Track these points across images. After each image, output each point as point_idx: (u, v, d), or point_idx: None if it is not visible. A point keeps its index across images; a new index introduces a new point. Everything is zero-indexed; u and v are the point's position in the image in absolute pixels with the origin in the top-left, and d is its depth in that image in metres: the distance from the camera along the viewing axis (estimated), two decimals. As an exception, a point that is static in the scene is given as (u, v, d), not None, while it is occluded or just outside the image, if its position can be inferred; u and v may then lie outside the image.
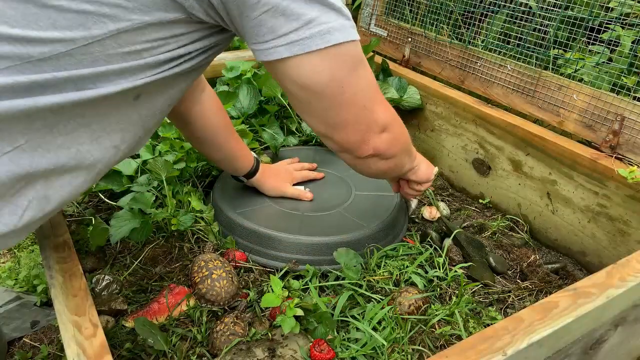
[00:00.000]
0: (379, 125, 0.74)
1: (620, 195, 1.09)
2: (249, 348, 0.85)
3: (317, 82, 0.65)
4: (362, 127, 0.72)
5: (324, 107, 0.69)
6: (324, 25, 0.61)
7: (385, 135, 0.76)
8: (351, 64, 0.66)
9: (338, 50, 0.63)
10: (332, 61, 0.63)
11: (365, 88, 0.70)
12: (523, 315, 0.69)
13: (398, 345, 0.88)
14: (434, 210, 1.31)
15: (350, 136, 0.73)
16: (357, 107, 0.70)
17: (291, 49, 0.61)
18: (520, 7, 1.39)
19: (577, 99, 1.20)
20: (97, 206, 1.24)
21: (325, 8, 0.61)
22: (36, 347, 1.29)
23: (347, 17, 0.64)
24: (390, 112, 0.77)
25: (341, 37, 0.62)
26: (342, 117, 0.70)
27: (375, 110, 0.72)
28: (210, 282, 0.95)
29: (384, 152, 0.78)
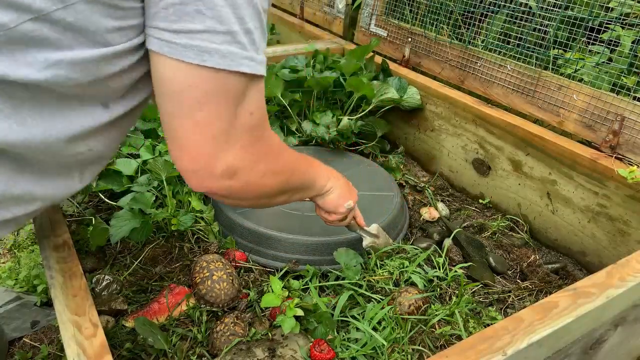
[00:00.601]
0: (221, 169, 0.65)
1: (620, 195, 1.09)
2: (249, 348, 0.85)
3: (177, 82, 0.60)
4: (200, 158, 0.64)
5: (172, 111, 0.62)
6: (204, 43, 0.57)
7: (229, 182, 0.66)
8: (225, 90, 0.61)
9: (215, 74, 0.59)
10: (199, 78, 0.59)
11: (229, 121, 0.62)
12: (523, 315, 0.69)
13: (398, 345, 0.88)
14: (433, 211, 1.31)
15: (184, 161, 0.64)
16: (205, 134, 0.62)
17: (161, 47, 0.58)
18: (520, 7, 1.39)
19: (577, 99, 1.20)
20: (97, 206, 1.24)
21: (218, 28, 0.57)
22: (36, 347, 1.29)
23: (244, 47, 0.59)
24: (256, 154, 0.67)
25: (222, 64, 0.58)
26: (184, 134, 0.63)
27: (227, 149, 0.64)
28: (210, 283, 0.95)
29: (224, 195, 0.69)
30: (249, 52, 0.61)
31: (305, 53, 1.70)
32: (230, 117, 0.63)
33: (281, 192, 0.78)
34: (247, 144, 0.66)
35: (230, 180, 0.67)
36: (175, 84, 0.60)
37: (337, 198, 0.93)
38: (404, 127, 1.66)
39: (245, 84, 0.62)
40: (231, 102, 0.62)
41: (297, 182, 0.82)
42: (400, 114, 1.62)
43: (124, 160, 1.17)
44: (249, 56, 0.61)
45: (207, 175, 0.65)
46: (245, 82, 0.62)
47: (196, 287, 0.96)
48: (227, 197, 0.70)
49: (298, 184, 0.83)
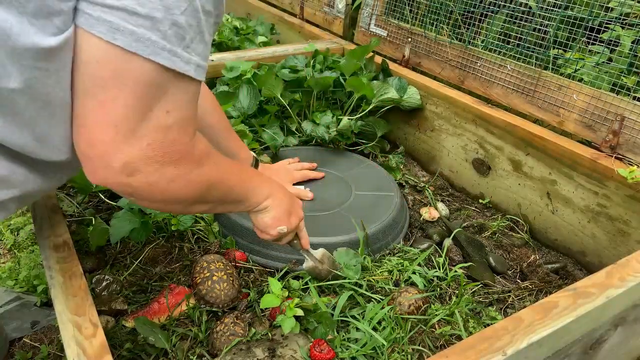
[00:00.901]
0: (119, 163, 0.59)
1: (620, 195, 1.09)
2: (249, 348, 0.85)
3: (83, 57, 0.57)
4: (97, 144, 0.59)
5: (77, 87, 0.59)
6: (119, 22, 0.54)
7: (127, 180, 0.61)
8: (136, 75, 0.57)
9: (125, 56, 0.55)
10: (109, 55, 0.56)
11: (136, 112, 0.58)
12: (523, 315, 0.69)
13: (398, 345, 0.88)
14: (433, 211, 1.31)
15: (81, 143, 0.60)
16: (106, 118, 0.57)
17: (78, 18, 0.55)
18: (520, 7, 1.39)
19: (577, 99, 1.20)
20: (97, 206, 1.24)
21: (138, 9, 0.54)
22: (36, 347, 1.29)
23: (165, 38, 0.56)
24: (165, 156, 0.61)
25: (135, 47, 0.55)
26: (84, 113, 0.59)
27: (128, 142, 0.58)
28: (210, 283, 0.95)
29: (125, 193, 0.64)
30: (172, 46, 0.57)
31: (305, 53, 1.70)
32: (140, 109, 0.58)
33: (198, 202, 0.72)
34: (156, 144, 0.60)
35: (129, 178, 0.61)
36: (83, 56, 0.57)
37: (269, 219, 0.87)
38: (404, 127, 1.66)
39: (164, 79, 0.58)
40: (143, 93, 0.57)
41: (219, 195, 0.75)
42: (400, 114, 1.62)
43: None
44: (170, 49, 0.57)
45: (103, 165, 0.60)
46: (163, 76, 0.58)
47: (196, 288, 0.96)
48: (129, 196, 0.65)
49: (221, 197, 0.76)
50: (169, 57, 0.57)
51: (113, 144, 0.58)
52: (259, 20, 2.28)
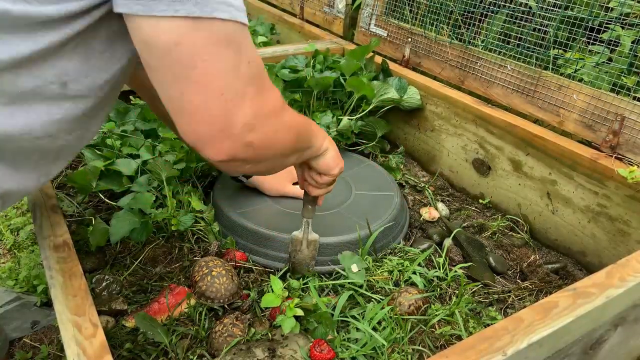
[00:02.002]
0: (240, 125, 0.60)
1: (620, 195, 1.09)
2: (249, 348, 0.85)
3: (161, 43, 0.56)
4: (215, 119, 0.59)
5: (167, 80, 0.58)
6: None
7: (250, 138, 0.62)
8: (214, 39, 0.56)
9: (195, 24, 0.55)
10: (181, 31, 0.55)
11: (230, 73, 0.58)
12: (523, 315, 0.69)
13: (398, 346, 0.88)
14: (433, 211, 1.31)
15: (198, 127, 0.59)
16: (210, 92, 0.57)
17: (130, 7, 0.54)
18: (520, 7, 1.39)
19: (577, 99, 1.20)
20: (97, 206, 1.24)
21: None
22: (36, 347, 1.29)
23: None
24: (265, 106, 0.63)
25: (197, 11, 0.54)
26: (188, 99, 0.58)
27: (239, 104, 0.59)
28: (210, 279, 0.95)
29: (245, 158, 0.64)
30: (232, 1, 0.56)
31: (305, 53, 1.70)
32: (230, 68, 0.58)
33: (294, 150, 0.75)
34: (254, 96, 0.61)
35: (250, 135, 0.61)
36: (159, 45, 0.55)
37: (330, 159, 0.88)
38: (404, 127, 1.66)
39: (232, 31, 0.57)
40: (226, 53, 0.57)
41: (305, 138, 0.78)
42: (400, 114, 1.62)
43: (124, 160, 1.17)
44: (223, 1, 0.56)
45: (227, 136, 0.60)
46: (231, 29, 0.57)
47: (196, 285, 0.96)
48: (248, 160, 0.65)
49: (306, 140, 0.79)
50: (227, 9, 0.56)
51: (228, 112, 0.58)
52: (259, 20, 2.28)
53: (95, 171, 1.10)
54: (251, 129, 0.61)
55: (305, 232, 1.02)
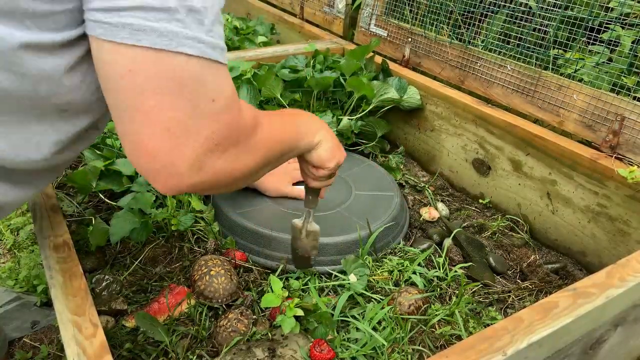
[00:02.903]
0: (186, 165, 0.57)
1: (620, 195, 1.09)
2: (249, 348, 0.85)
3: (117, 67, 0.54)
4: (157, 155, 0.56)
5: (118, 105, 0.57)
6: (138, 21, 0.52)
7: (198, 177, 0.59)
8: (171, 74, 0.54)
9: (155, 56, 0.53)
10: (138, 60, 0.53)
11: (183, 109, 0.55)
12: (523, 315, 0.69)
13: (398, 346, 0.88)
14: (433, 211, 1.31)
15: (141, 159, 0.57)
16: (157, 126, 0.55)
17: (94, 29, 0.53)
18: (520, 7, 1.39)
19: (577, 99, 1.20)
20: (97, 206, 1.24)
21: (153, 3, 0.52)
22: (36, 347, 1.29)
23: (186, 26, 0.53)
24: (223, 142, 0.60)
25: (160, 43, 0.52)
26: (135, 129, 0.56)
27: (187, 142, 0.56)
28: (208, 278, 0.95)
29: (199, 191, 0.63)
30: (194, 32, 0.54)
31: (305, 53, 1.70)
32: (186, 105, 0.55)
33: (263, 166, 0.71)
34: (212, 135, 0.58)
35: (199, 175, 0.59)
36: (115, 69, 0.54)
37: (324, 152, 0.85)
38: (404, 127, 1.66)
39: (198, 69, 0.55)
40: (184, 89, 0.55)
41: (279, 151, 0.74)
42: (400, 114, 1.62)
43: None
44: (194, 36, 0.54)
45: (171, 174, 0.57)
46: (196, 65, 0.55)
47: (195, 284, 0.97)
48: (203, 191, 0.65)
49: (281, 152, 0.75)
50: (195, 45, 0.54)
51: (173, 150, 0.56)
52: (259, 20, 2.28)
53: (95, 171, 1.10)
54: (199, 169, 0.58)
55: (306, 221, 1.00)
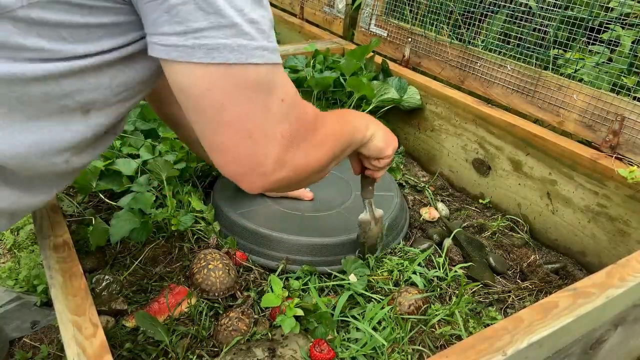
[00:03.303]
0: (270, 165, 0.63)
1: (620, 195, 1.09)
2: (249, 348, 0.85)
3: (195, 88, 0.58)
4: (244, 160, 0.62)
5: (201, 120, 0.61)
6: (212, 40, 0.55)
7: (282, 174, 0.65)
8: (245, 85, 0.58)
9: (228, 71, 0.57)
10: (214, 78, 0.57)
11: (260, 115, 0.60)
12: (523, 315, 0.69)
13: (398, 345, 0.88)
14: (433, 211, 1.31)
15: (230, 166, 0.64)
16: (240, 134, 0.60)
17: (169, 53, 0.57)
18: (520, 7, 1.39)
19: (577, 99, 1.20)
20: (97, 206, 1.24)
21: (222, 22, 0.56)
22: (36, 347, 1.29)
23: (252, 37, 0.57)
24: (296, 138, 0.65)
25: (233, 58, 0.57)
26: (220, 140, 0.61)
27: (268, 144, 0.62)
28: (206, 272, 0.97)
29: (280, 187, 0.68)
30: (259, 42, 0.58)
31: (305, 53, 1.70)
32: (261, 110, 0.60)
33: (331, 160, 0.76)
34: (286, 133, 0.63)
35: (281, 172, 0.65)
36: (194, 89, 0.58)
37: (380, 142, 0.90)
38: (404, 127, 1.66)
39: (265, 74, 0.60)
40: (258, 95, 0.60)
41: (342, 145, 0.79)
42: (400, 114, 1.62)
43: (124, 160, 1.17)
44: (259, 46, 0.58)
45: (259, 174, 0.64)
46: (264, 72, 0.59)
47: (193, 277, 0.98)
48: (285, 188, 0.70)
49: (343, 146, 0.80)
50: (261, 53, 0.58)
51: (258, 154, 0.62)
52: (259, 20, 2.28)
53: (95, 171, 1.10)
54: (282, 165, 0.64)
55: (370, 211, 1.07)
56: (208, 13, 0.55)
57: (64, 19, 0.56)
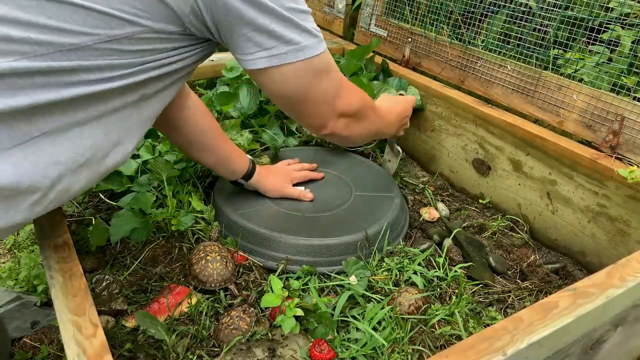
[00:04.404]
0: (337, 113, 0.91)
1: (620, 195, 1.09)
2: (249, 348, 0.85)
3: (287, 89, 0.82)
4: (322, 116, 0.90)
5: (292, 104, 0.87)
6: (297, 45, 0.77)
7: (343, 120, 0.93)
8: (316, 72, 0.82)
9: (306, 64, 0.79)
10: (299, 72, 0.79)
11: (328, 88, 0.86)
12: (523, 315, 0.69)
13: (398, 345, 0.88)
14: (433, 211, 1.31)
15: (312, 121, 0.91)
16: (319, 103, 0.87)
17: (271, 61, 0.76)
18: (520, 7, 1.39)
19: (577, 99, 1.20)
20: (97, 206, 1.24)
21: (300, 31, 0.77)
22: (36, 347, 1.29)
23: (315, 35, 0.79)
24: (349, 103, 0.92)
25: (309, 53, 0.78)
26: (307, 111, 0.88)
27: (335, 103, 0.89)
28: (204, 263, 0.98)
29: (340, 132, 0.94)
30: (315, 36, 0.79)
31: (305, 53, 1.70)
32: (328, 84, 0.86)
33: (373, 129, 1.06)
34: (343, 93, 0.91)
35: (345, 118, 0.93)
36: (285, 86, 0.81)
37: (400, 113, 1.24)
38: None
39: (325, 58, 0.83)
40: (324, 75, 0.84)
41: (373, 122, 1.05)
42: (400, 114, 1.62)
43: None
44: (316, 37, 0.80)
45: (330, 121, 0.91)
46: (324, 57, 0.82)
47: (191, 268, 0.99)
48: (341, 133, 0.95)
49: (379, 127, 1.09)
50: (321, 44, 0.80)
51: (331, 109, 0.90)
52: (259, 20, 2.28)
53: (95, 171, 1.10)
54: (343, 113, 0.93)
55: (393, 148, 1.39)
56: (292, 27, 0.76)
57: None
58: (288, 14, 0.75)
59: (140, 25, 0.68)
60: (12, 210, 0.67)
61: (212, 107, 1.42)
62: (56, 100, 0.65)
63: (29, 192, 0.67)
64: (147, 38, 0.69)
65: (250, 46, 0.75)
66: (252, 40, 0.75)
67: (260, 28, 0.73)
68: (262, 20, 0.73)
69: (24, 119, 0.64)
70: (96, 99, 0.69)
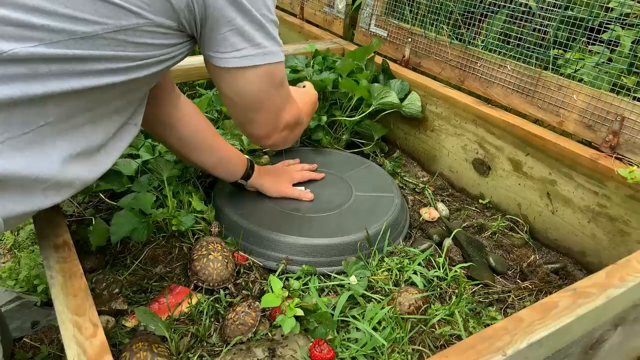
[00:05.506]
0: (282, 126, 0.96)
1: (620, 195, 1.09)
2: (249, 348, 0.85)
3: (247, 92, 0.86)
4: (269, 126, 0.94)
5: (246, 110, 0.90)
6: (264, 49, 0.82)
7: (284, 132, 0.97)
8: (274, 81, 0.87)
9: (268, 70, 0.84)
10: (261, 77, 0.84)
11: (279, 100, 0.91)
12: (523, 315, 0.69)
13: (398, 345, 0.88)
14: (433, 211, 1.31)
15: (259, 131, 0.95)
16: (270, 113, 0.92)
17: (241, 62, 0.81)
18: (520, 7, 1.39)
19: (577, 99, 1.20)
20: (97, 206, 1.24)
21: (268, 37, 0.82)
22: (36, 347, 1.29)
23: (280, 44, 0.85)
24: (293, 114, 0.97)
25: (272, 59, 0.83)
26: (258, 120, 0.92)
27: (281, 116, 0.94)
28: (205, 261, 0.99)
29: (279, 143, 1.00)
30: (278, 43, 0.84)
31: (305, 53, 1.70)
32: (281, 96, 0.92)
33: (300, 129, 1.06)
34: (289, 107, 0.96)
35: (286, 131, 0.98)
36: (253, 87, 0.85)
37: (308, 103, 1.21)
38: (404, 127, 1.66)
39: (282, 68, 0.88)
40: (279, 86, 0.89)
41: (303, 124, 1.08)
42: (400, 114, 1.62)
43: (124, 160, 1.17)
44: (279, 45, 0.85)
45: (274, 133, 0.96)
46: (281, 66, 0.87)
47: (192, 263, 1.00)
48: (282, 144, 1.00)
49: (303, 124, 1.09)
50: (281, 53, 0.85)
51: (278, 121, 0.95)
52: (259, 20, 2.27)
53: (96, 171, 1.10)
54: (286, 126, 0.97)
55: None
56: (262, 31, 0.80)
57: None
58: (262, 19, 0.80)
59: (144, 17, 0.71)
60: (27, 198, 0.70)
61: (212, 107, 1.42)
62: (68, 91, 0.69)
63: (39, 181, 0.70)
64: (150, 31, 0.73)
65: (226, 45, 0.79)
66: (228, 40, 0.79)
67: (236, 28, 0.78)
68: (239, 21, 0.78)
69: (36, 108, 0.67)
70: (100, 92, 0.73)
